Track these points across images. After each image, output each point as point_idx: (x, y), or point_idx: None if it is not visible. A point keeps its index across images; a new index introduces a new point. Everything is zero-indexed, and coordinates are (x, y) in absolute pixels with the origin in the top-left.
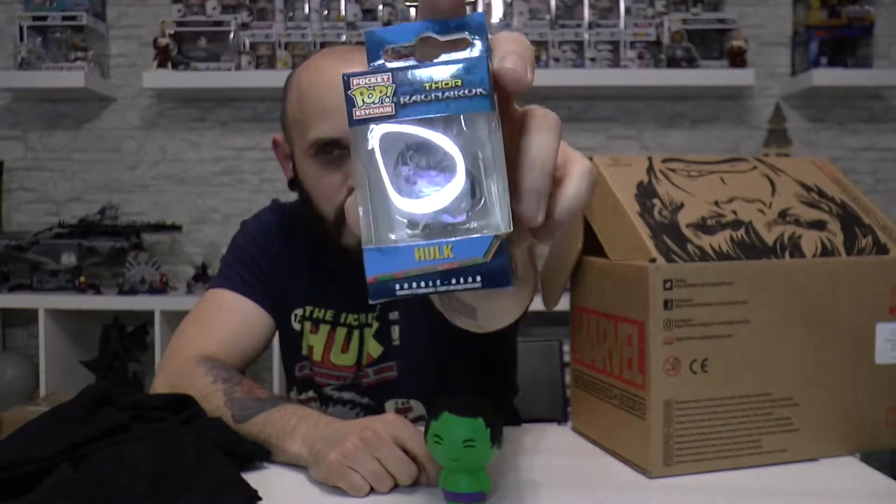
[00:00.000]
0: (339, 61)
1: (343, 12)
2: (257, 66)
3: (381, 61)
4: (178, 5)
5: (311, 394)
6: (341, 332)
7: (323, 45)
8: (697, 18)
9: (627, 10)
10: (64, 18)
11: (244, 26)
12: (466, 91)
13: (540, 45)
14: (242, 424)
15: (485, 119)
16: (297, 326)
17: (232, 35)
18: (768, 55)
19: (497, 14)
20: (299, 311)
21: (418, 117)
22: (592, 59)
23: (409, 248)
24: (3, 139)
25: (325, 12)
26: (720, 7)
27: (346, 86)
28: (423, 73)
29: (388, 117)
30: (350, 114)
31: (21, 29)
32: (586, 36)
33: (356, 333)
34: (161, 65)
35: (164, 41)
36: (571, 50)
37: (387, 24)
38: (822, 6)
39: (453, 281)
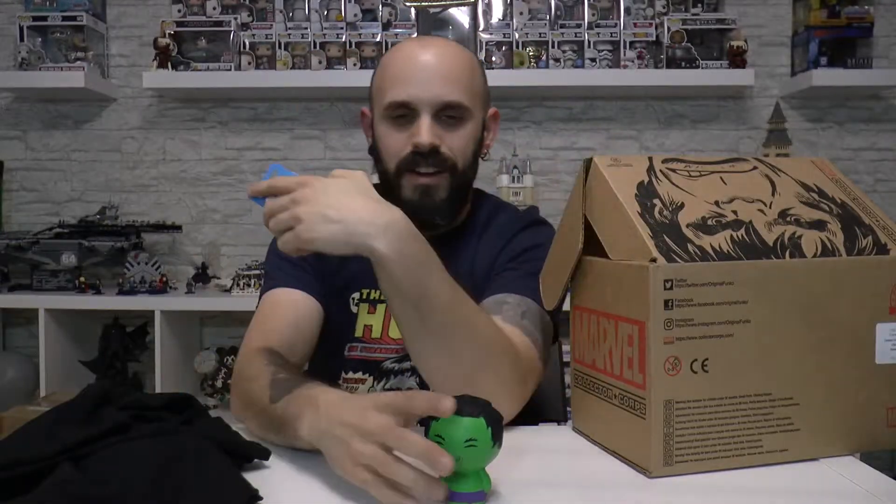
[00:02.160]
0: (419, 44)
1: (343, 12)
2: (257, 67)
3: None
4: (178, 5)
5: (360, 374)
6: None
7: (323, 45)
8: (697, 18)
9: (627, 11)
10: (64, 18)
11: (244, 26)
12: None
13: (540, 45)
14: (274, 405)
15: None
16: (354, 309)
17: (232, 35)
18: (768, 55)
19: (497, 14)
20: (356, 295)
21: None
22: (592, 60)
23: None
24: (3, 139)
25: (325, 12)
26: (720, 7)
27: None
28: None
29: None
30: None
31: (21, 29)
32: (586, 36)
33: None
34: (161, 65)
35: (164, 41)
36: (571, 50)
37: (386, 24)
38: (821, 6)
39: None
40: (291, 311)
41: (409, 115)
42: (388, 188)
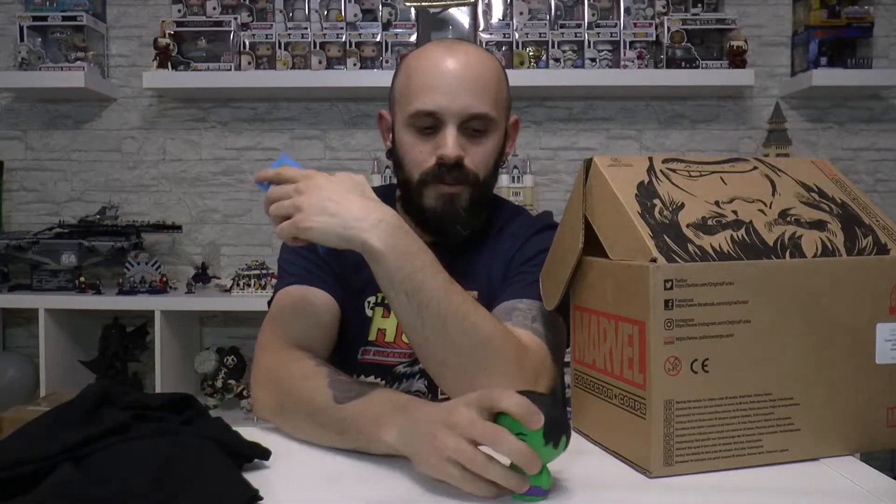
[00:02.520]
0: (446, 50)
1: (343, 12)
2: (257, 67)
3: None
4: (178, 5)
5: (373, 378)
6: None
7: (323, 45)
8: (697, 18)
9: (627, 11)
10: (64, 18)
11: (244, 26)
12: None
13: (540, 45)
14: (340, 406)
15: None
16: (369, 313)
17: (232, 35)
18: (768, 55)
19: (497, 14)
20: (372, 299)
21: None
22: (592, 60)
23: None
24: (3, 139)
25: (325, 12)
26: (720, 7)
27: None
28: None
29: None
30: None
31: (21, 29)
32: (586, 36)
33: None
34: (161, 65)
35: (164, 41)
36: (571, 50)
37: (386, 24)
38: (821, 6)
39: None
40: (313, 308)
41: (435, 124)
42: (408, 196)
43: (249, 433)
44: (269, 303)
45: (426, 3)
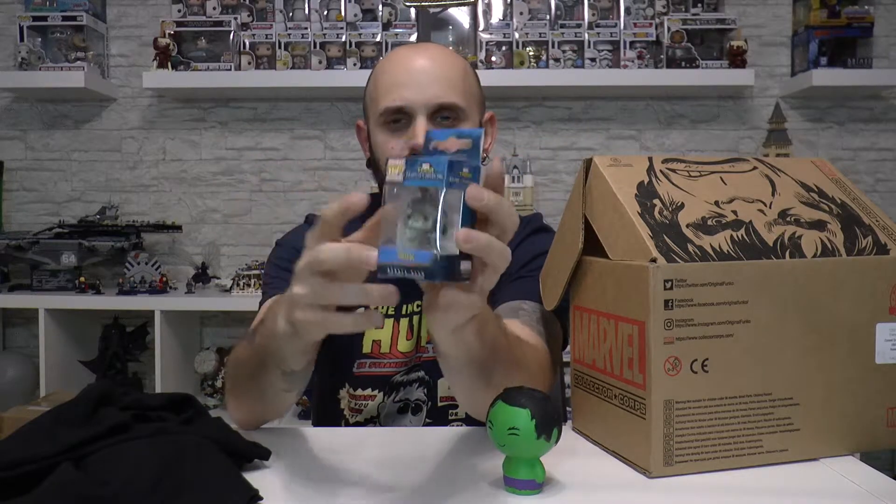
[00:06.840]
0: (411, 50)
1: (343, 12)
2: (257, 67)
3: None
4: (178, 5)
5: (370, 391)
6: (405, 322)
7: (323, 45)
8: (697, 18)
9: (627, 11)
10: (64, 18)
11: (244, 26)
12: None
13: (540, 45)
14: (250, 347)
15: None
16: None
17: (232, 35)
18: (768, 55)
19: (497, 14)
20: (360, 311)
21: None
22: (592, 60)
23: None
24: (3, 139)
25: (325, 12)
26: (720, 7)
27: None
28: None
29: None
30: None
31: (21, 29)
32: (586, 36)
33: (416, 318)
34: (161, 65)
35: (164, 41)
36: (571, 50)
37: (386, 24)
38: (821, 6)
39: (414, 273)
40: None
41: (405, 119)
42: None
43: (249, 433)
44: None
45: (426, 3)
